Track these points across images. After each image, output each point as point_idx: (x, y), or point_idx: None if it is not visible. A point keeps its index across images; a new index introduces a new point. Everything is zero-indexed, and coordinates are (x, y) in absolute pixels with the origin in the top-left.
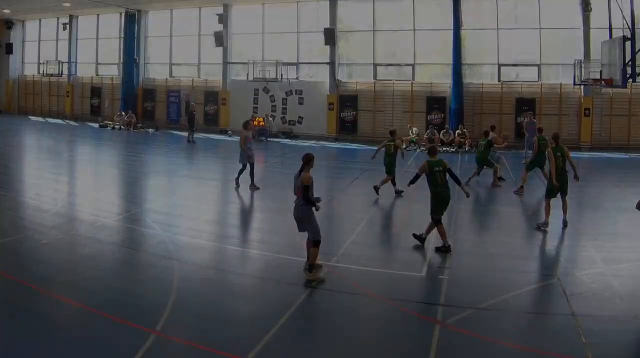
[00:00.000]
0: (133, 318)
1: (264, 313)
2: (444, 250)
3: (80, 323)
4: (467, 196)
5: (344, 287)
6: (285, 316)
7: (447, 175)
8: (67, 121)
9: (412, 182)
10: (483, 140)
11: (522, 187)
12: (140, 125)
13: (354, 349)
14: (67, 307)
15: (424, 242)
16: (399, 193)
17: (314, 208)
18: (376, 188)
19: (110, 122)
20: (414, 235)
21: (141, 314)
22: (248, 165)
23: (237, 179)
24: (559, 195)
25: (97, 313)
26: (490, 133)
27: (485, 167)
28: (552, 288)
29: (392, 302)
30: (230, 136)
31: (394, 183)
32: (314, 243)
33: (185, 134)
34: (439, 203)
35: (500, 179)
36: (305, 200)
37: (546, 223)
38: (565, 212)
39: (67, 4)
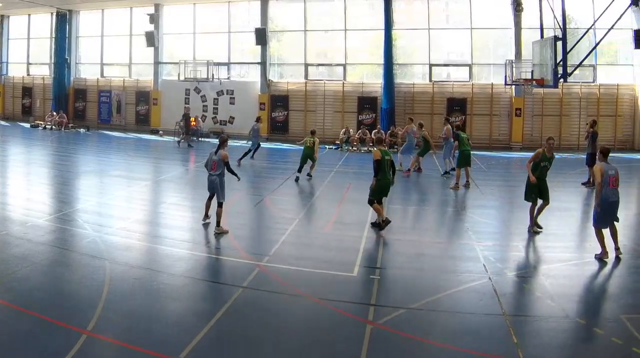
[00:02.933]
0: (64, 318)
1: (195, 313)
2: (380, 224)
3: (10, 323)
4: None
5: (275, 287)
6: (217, 316)
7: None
8: None
9: (376, 174)
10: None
11: (456, 184)
12: (72, 125)
13: (285, 349)
14: None
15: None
16: (297, 179)
17: (236, 178)
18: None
19: (42, 122)
20: (376, 224)
21: (72, 314)
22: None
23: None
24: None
25: (28, 313)
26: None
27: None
28: (483, 288)
29: (323, 302)
30: (161, 136)
31: (299, 171)
32: (219, 204)
33: (117, 134)
34: (381, 189)
35: (412, 170)
36: (229, 171)
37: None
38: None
39: None
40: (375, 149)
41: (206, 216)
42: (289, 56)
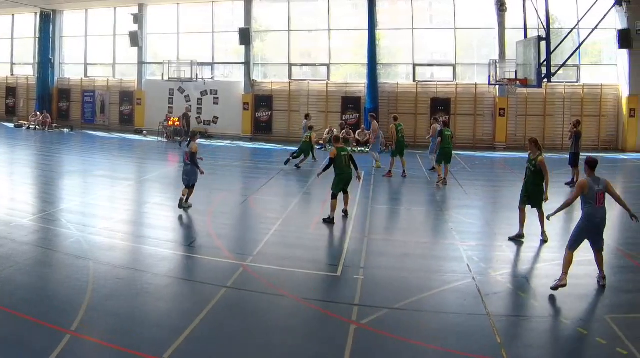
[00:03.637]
0: (47, 318)
1: (179, 313)
2: (328, 221)
3: None
4: (359, 179)
5: (259, 287)
6: (200, 316)
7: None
8: None
9: (326, 168)
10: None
11: (439, 177)
12: (56, 125)
13: (268, 349)
14: None
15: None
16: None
17: (198, 171)
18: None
19: (26, 122)
20: (326, 219)
21: (56, 314)
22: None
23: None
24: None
25: (11, 313)
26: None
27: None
28: (467, 288)
29: (307, 302)
30: (145, 136)
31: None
32: (192, 186)
33: (101, 133)
34: (341, 181)
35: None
36: (193, 163)
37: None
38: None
39: None
40: (331, 147)
41: (185, 202)
42: (272, 56)
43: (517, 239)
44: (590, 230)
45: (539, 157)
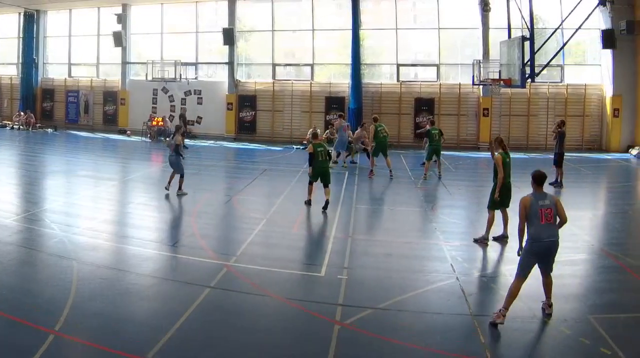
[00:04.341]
0: (31, 318)
1: (163, 313)
2: (307, 203)
3: None
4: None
5: (242, 287)
6: (184, 316)
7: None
8: None
9: (310, 163)
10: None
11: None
12: (39, 125)
13: (252, 349)
14: None
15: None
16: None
17: (181, 158)
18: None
19: (9, 122)
20: (305, 202)
21: (39, 314)
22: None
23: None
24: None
25: None
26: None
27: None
28: (451, 288)
29: (291, 302)
30: (129, 136)
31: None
32: (181, 176)
33: (84, 133)
34: (317, 173)
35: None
36: (176, 153)
37: (486, 239)
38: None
39: None
40: (309, 144)
41: (169, 185)
42: (256, 56)
43: (502, 239)
44: (538, 253)
45: (496, 154)
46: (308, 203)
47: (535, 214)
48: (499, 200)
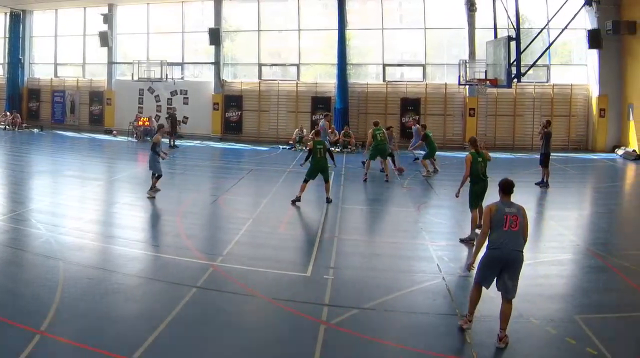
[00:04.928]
0: (17, 318)
1: (149, 313)
2: (295, 200)
3: None
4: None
5: (229, 287)
6: (170, 316)
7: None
8: None
9: (307, 158)
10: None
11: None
12: (25, 125)
13: (238, 350)
14: None
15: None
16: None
17: (160, 158)
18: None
19: None
20: (293, 200)
21: (26, 314)
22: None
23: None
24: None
25: None
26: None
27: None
28: (437, 288)
29: (277, 302)
30: (115, 136)
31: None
32: (157, 177)
33: (71, 133)
34: (314, 170)
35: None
36: (154, 152)
37: (472, 239)
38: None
39: None
40: (311, 141)
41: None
42: (242, 56)
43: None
44: (497, 262)
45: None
46: (297, 200)
47: (500, 220)
48: (477, 199)
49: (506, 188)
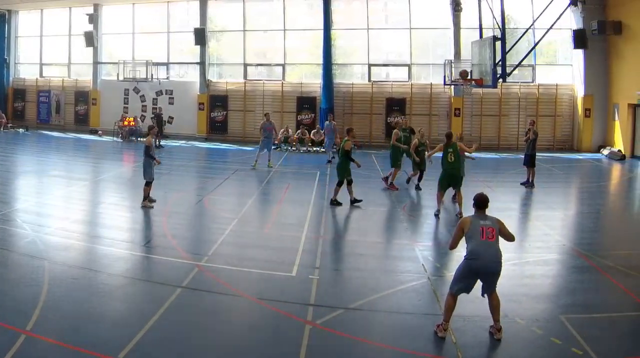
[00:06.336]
0: (2, 318)
1: (135, 313)
2: (335, 203)
3: None
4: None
5: (214, 287)
6: (156, 316)
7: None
8: None
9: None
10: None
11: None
12: (11, 125)
13: (224, 349)
14: None
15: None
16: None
17: (153, 162)
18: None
19: None
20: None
21: (11, 314)
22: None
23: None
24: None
25: None
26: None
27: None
28: (422, 288)
29: (262, 302)
30: (100, 136)
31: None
32: (147, 183)
33: (56, 133)
34: (348, 169)
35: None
36: (146, 155)
37: (438, 211)
38: (460, 204)
39: None
40: (347, 141)
41: (149, 200)
42: (228, 56)
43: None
44: (477, 272)
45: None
46: (337, 203)
47: (476, 231)
48: (442, 184)
49: (480, 202)
